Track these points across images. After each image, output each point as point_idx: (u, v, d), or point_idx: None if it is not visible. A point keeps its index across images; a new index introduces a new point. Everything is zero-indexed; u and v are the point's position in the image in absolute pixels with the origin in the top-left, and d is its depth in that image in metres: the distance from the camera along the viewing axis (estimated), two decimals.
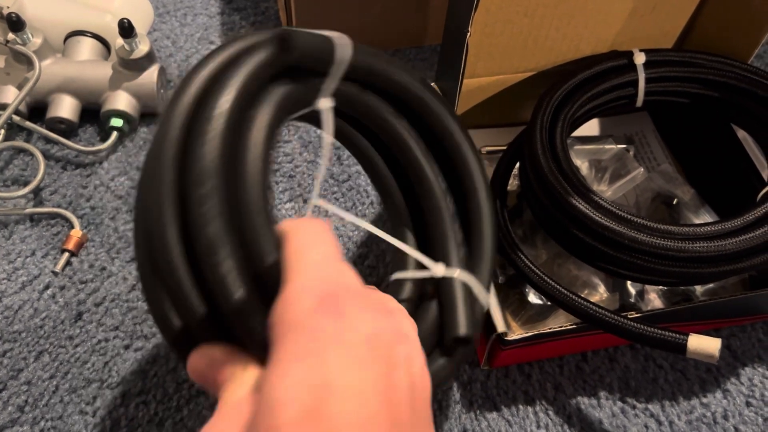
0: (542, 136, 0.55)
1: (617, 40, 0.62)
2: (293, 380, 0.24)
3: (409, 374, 0.28)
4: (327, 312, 0.26)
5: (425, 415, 0.29)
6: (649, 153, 0.68)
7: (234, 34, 0.35)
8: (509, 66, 0.62)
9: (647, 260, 0.49)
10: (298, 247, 0.30)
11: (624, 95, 0.60)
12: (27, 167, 0.65)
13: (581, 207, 0.50)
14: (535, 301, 0.55)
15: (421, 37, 0.76)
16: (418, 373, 0.29)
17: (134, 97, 0.66)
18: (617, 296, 0.56)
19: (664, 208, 0.60)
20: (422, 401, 0.29)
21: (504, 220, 0.56)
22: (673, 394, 0.55)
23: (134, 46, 0.65)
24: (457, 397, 0.54)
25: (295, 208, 0.64)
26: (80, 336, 0.56)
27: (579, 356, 0.57)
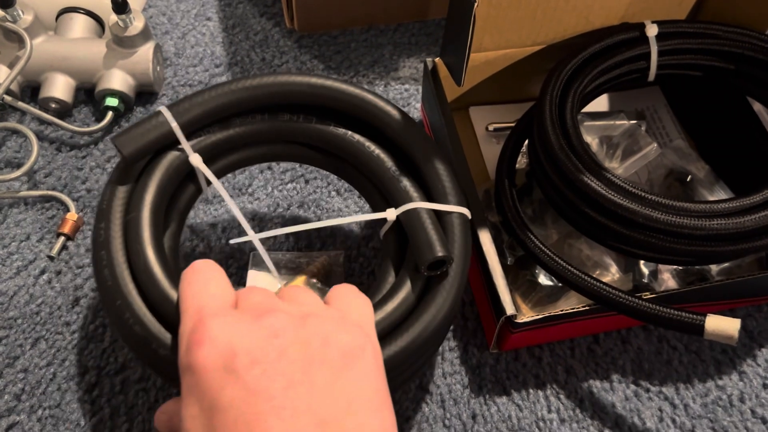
0: (552, 111, 0.53)
1: (628, 12, 0.59)
2: (187, 415, 0.31)
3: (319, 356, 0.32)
4: (196, 346, 0.32)
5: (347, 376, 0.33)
6: (661, 128, 0.66)
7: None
8: (517, 39, 0.59)
9: (662, 239, 0.47)
10: (182, 288, 0.36)
11: (636, 69, 0.58)
12: (20, 149, 0.63)
13: (593, 185, 0.48)
14: (546, 282, 0.54)
15: (424, 10, 0.74)
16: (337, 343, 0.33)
17: (129, 76, 0.64)
18: (630, 277, 0.54)
19: (677, 185, 0.59)
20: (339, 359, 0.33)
21: (513, 199, 0.54)
22: (687, 377, 0.54)
23: (129, 23, 0.63)
24: (465, 381, 0.53)
25: (297, 188, 0.62)
26: (77, 322, 0.54)
27: (591, 338, 0.55)
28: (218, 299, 0.35)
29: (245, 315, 0.33)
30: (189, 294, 0.35)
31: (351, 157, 0.50)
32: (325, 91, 0.48)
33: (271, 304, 0.35)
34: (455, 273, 0.45)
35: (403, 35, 0.74)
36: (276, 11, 0.75)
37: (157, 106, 0.67)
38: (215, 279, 0.36)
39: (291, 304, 0.36)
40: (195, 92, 0.47)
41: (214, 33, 0.73)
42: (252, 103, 0.48)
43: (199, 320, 0.33)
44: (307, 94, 0.49)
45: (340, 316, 0.36)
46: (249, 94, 0.47)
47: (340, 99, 0.49)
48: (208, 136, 0.48)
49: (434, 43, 0.74)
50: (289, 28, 0.74)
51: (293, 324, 0.33)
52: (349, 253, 0.59)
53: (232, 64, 0.71)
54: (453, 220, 0.46)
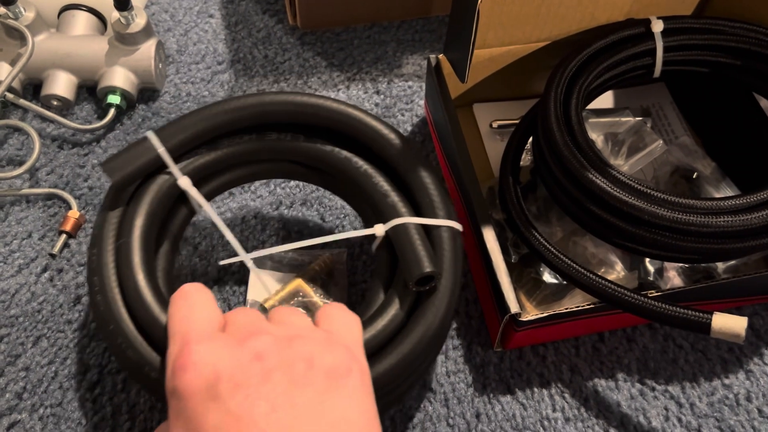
0: (556, 108, 0.53)
1: (633, 8, 0.59)
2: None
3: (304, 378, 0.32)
4: (181, 371, 0.32)
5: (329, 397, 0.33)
6: (666, 125, 0.66)
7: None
8: (521, 36, 0.59)
9: (668, 236, 0.47)
10: (170, 313, 0.37)
11: (641, 65, 0.58)
12: (22, 147, 0.63)
13: (598, 182, 0.48)
14: (551, 280, 0.53)
15: (427, 7, 0.74)
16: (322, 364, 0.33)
17: (132, 73, 0.64)
18: (635, 274, 0.54)
19: (683, 182, 0.58)
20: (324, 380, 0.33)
21: (517, 196, 0.54)
22: (693, 376, 0.53)
23: (131, 20, 0.62)
24: (469, 380, 0.52)
25: (299, 186, 0.62)
26: (79, 320, 0.54)
27: (596, 336, 0.55)
28: (204, 323, 0.35)
29: (230, 338, 0.34)
30: (176, 319, 0.36)
31: (339, 173, 0.50)
32: (311, 108, 0.49)
33: (257, 327, 0.35)
34: (445, 288, 0.44)
35: (406, 32, 0.74)
36: (279, 8, 0.75)
37: (160, 104, 0.67)
38: (202, 303, 0.36)
39: (278, 325, 0.36)
40: (182, 115, 0.48)
41: (216, 30, 0.73)
42: (239, 123, 0.49)
43: (184, 345, 0.33)
44: (293, 113, 0.49)
45: (327, 337, 0.36)
46: (235, 115, 0.48)
47: (325, 116, 0.49)
48: (198, 158, 0.48)
49: (438, 40, 0.73)
50: (291, 25, 0.73)
51: (278, 346, 0.33)
52: (352, 251, 0.58)
53: (235, 62, 0.70)
54: (442, 234, 0.46)
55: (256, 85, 0.69)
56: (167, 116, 0.66)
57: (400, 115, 0.67)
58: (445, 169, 0.62)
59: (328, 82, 0.69)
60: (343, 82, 0.69)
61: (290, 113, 0.49)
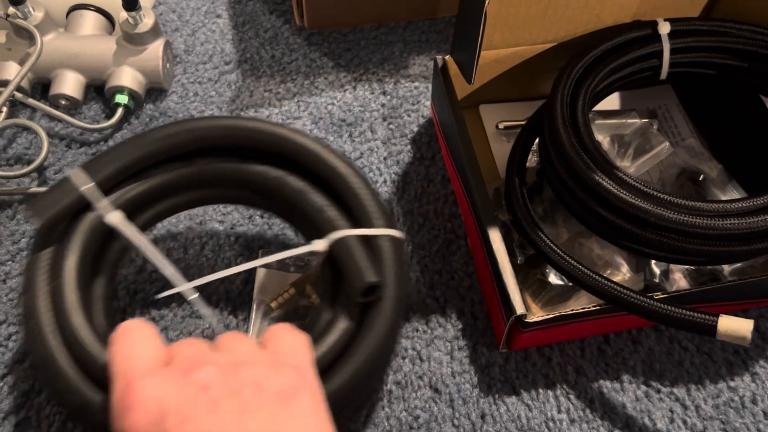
0: (563, 110, 0.53)
1: (640, 9, 0.59)
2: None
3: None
4: (126, 411, 0.32)
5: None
6: (672, 127, 0.66)
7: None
8: (528, 37, 0.59)
9: (674, 238, 0.47)
10: (111, 353, 0.36)
11: (647, 67, 0.58)
12: (30, 146, 0.64)
13: (605, 183, 0.48)
14: (556, 281, 0.53)
15: (434, 8, 0.74)
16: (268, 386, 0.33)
17: (139, 73, 0.64)
18: (641, 276, 0.54)
19: (690, 184, 0.58)
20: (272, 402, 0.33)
21: (523, 198, 0.54)
22: (699, 378, 0.53)
23: (139, 20, 0.63)
24: (474, 380, 0.53)
25: None
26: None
27: (601, 338, 0.55)
28: (146, 360, 0.35)
29: (174, 372, 0.33)
30: (117, 358, 0.35)
31: (274, 192, 0.50)
32: (238, 131, 0.48)
33: (202, 358, 0.34)
34: (390, 297, 0.44)
35: (413, 33, 0.74)
36: (286, 9, 0.75)
37: (167, 103, 0.67)
38: (143, 339, 0.36)
39: (224, 353, 0.36)
40: (112, 146, 0.48)
41: (223, 30, 0.73)
42: (167, 152, 0.48)
43: (127, 383, 0.33)
44: (222, 137, 0.48)
45: (274, 359, 0.36)
46: (164, 144, 0.47)
47: (255, 137, 0.49)
48: (130, 189, 0.48)
49: (444, 41, 0.73)
50: (299, 25, 0.73)
51: (224, 375, 0.33)
52: None
53: (242, 62, 0.71)
54: (382, 243, 0.46)
55: (263, 85, 0.69)
56: (174, 116, 0.66)
57: (406, 116, 0.67)
58: (451, 170, 0.62)
59: (335, 83, 0.69)
60: (350, 83, 0.69)
61: (219, 137, 0.48)
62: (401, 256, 0.47)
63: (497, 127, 0.64)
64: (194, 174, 0.49)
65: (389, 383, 0.52)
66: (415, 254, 0.58)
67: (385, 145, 0.65)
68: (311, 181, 0.49)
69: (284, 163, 0.49)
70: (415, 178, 0.63)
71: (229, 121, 0.49)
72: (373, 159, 0.64)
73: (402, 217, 0.61)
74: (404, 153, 0.65)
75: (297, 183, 0.49)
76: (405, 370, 0.53)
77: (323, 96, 0.68)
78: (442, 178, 0.63)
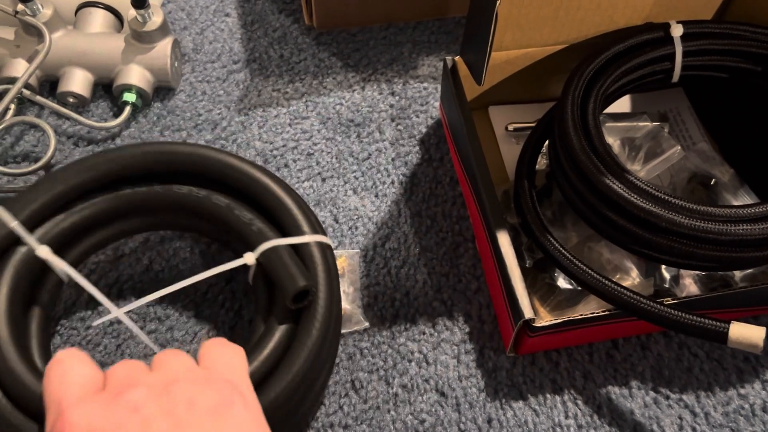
0: (574, 112, 0.52)
1: (653, 11, 0.58)
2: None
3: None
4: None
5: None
6: (684, 131, 0.65)
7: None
8: (539, 38, 0.59)
9: (686, 244, 0.46)
10: (44, 384, 0.36)
11: (659, 70, 0.57)
12: (38, 143, 0.63)
13: (615, 187, 0.47)
14: (565, 286, 0.53)
15: (444, 8, 0.73)
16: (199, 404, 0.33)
17: (148, 71, 0.64)
18: (651, 281, 0.53)
19: (701, 188, 0.57)
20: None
21: (532, 200, 0.54)
22: (708, 385, 0.53)
23: (147, 18, 0.62)
24: (481, 384, 0.52)
25: (313, 187, 0.62)
26: (92, 318, 0.54)
27: (609, 343, 0.54)
28: (78, 387, 0.35)
29: (105, 396, 0.33)
30: (50, 388, 0.35)
31: (200, 212, 0.50)
32: (158, 156, 0.49)
33: (133, 379, 0.35)
34: (323, 300, 0.45)
35: (422, 33, 0.73)
36: (295, 8, 0.75)
37: (175, 102, 0.67)
38: (74, 367, 0.36)
39: (157, 372, 0.36)
40: (35, 182, 0.48)
41: (232, 29, 0.73)
42: (89, 184, 0.48)
43: (59, 413, 0.33)
44: (143, 164, 0.49)
45: (206, 374, 0.36)
46: (83, 177, 0.48)
47: (174, 160, 0.49)
48: (58, 223, 0.48)
49: (454, 42, 0.73)
50: (307, 25, 0.73)
51: (154, 394, 0.33)
52: (365, 253, 0.58)
53: (250, 61, 0.70)
54: (311, 249, 0.47)
55: (271, 84, 0.68)
56: (182, 114, 0.66)
57: (414, 117, 0.67)
58: (459, 172, 0.61)
59: (343, 83, 0.69)
60: (359, 83, 0.69)
61: (142, 164, 0.49)
62: (330, 260, 0.48)
63: (506, 128, 0.64)
64: (119, 204, 0.50)
65: (395, 386, 0.52)
66: (422, 257, 0.58)
67: (393, 146, 0.65)
68: (236, 197, 0.50)
69: (207, 183, 0.50)
70: (423, 180, 0.63)
71: (149, 147, 0.50)
72: (381, 160, 0.64)
73: (410, 218, 0.60)
74: (412, 154, 0.64)
75: (223, 200, 0.49)
76: (411, 373, 0.52)
77: (331, 96, 0.68)
78: (451, 180, 0.63)
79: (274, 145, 0.64)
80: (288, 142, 0.64)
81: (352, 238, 0.59)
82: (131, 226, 0.52)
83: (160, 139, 0.64)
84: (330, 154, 0.64)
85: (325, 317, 0.45)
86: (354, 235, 0.59)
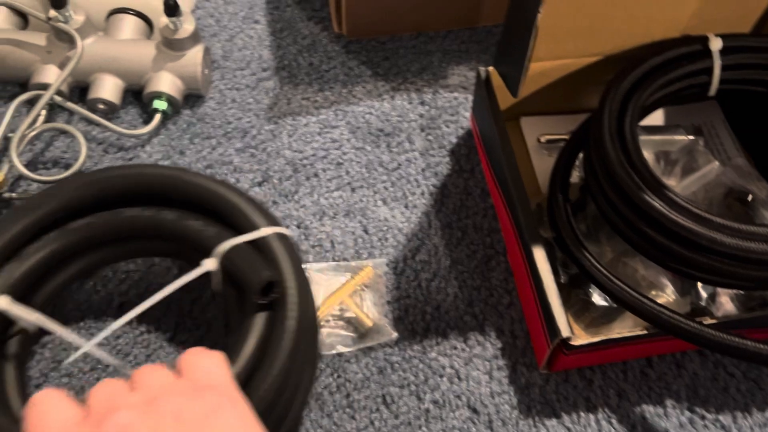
0: (611, 125, 0.51)
1: (690, 24, 0.57)
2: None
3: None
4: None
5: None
6: (718, 145, 0.64)
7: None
8: (574, 50, 0.58)
9: (727, 263, 0.46)
10: (24, 428, 0.34)
11: (696, 83, 0.57)
12: (67, 149, 0.63)
13: (655, 204, 0.47)
14: (600, 302, 0.52)
15: (474, 17, 0.73)
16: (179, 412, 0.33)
17: (178, 79, 0.64)
18: (687, 299, 0.53)
19: (738, 205, 0.56)
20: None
21: (567, 214, 0.53)
22: (745, 405, 0.52)
23: (179, 26, 0.62)
24: (514, 401, 0.51)
25: (343, 196, 0.61)
26: (122, 327, 0.54)
27: (644, 361, 0.54)
28: (59, 424, 0.34)
29: (88, 426, 0.33)
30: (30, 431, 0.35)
31: (154, 230, 0.49)
32: (100, 183, 0.49)
33: (114, 402, 0.34)
34: (292, 287, 0.45)
35: (452, 42, 0.73)
36: (324, 15, 0.74)
37: (204, 109, 0.66)
38: (53, 408, 0.35)
39: (139, 391, 0.35)
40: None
41: (261, 36, 0.73)
42: (36, 226, 0.47)
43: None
44: (87, 195, 0.48)
45: (190, 385, 0.36)
46: (32, 217, 0.47)
47: (111, 186, 0.49)
48: (12, 270, 0.46)
49: (484, 51, 0.72)
50: (337, 33, 0.73)
51: (139, 414, 0.33)
52: (395, 265, 0.58)
53: (279, 69, 0.70)
54: (271, 242, 0.46)
55: (300, 93, 0.68)
56: (212, 122, 0.66)
57: (444, 127, 0.66)
58: (491, 184, 0.61)
59: (373, 92, 0.69)
60: (388, 92, 0.69)
61: (85, 196, 0.48)
62: (292, 249, 0.47)
63: (539, 140, 0.63)
64: (69, 242, 0.49)
65: (426, 402, 0.51)
66: (453, 269, 0.57)
67: (423, 156, 0.64)
68: (183, 209, 0.49)
69: (151, 202, 0.49)
70: (453, 191, 0.62)
71: (88, 177, 0.49)
72: (411, 170, 0.63)
73: (440, 230, 0.60)
74: (443, 165, 0.64)
75: (171, 214, 0.49)
76: (443, 388, 0.52)
77: (361, 105, 0.68)
78: (482, 192, 0.62)
79: (303, 154, 0.64)
80: (317, 152, 0.64)
81: (381, 250, 0.58)
82: (92, 263, 0.52)
83: (190, 146, 0.64)
84: (360, 164, 0.64)
85: (298, 303, 0.44)
86: (384, 246, 0.59)
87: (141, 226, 0.49)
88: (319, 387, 0.52)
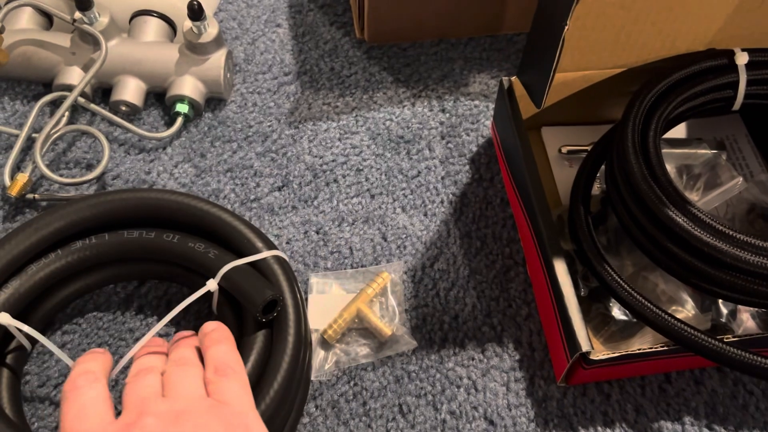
0: (634, 138, 0.51)
1: (716, 38, 0.57)
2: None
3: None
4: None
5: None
6: (741, 159, 0.64)
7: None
8: (597, 61, 0.58)
9: (750, 281, 0.45)
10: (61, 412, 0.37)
11: (720, 98, 0.56)
12: (89, 150, 0.64)
13: (679, 220, 0.46)
14: (620, 317, 0.52)
15: (497, 25, 0.73)
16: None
17: (201, 82, 0.64)
18: (708, 316, 0.52)
19: (761, 221, 0.56)
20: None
21: (588, 227, 0.53)
22: (765, 424, 0.51)
23: (203, 29, 0.62)
24: (531, 415, 0.51)
25: (362, 203, 0.61)
26: (141, 329, 0.54)
27: (662, 377, 0.53)
28: (94, 419, 0.37)
29: (119, 425, 0.36)
30: (67, 419, 0.37)
31: (155, 253, 0.50)
32: (105, 205, 0.50)
33: (147, 406, 0.37)
34: (290, 306, 0.47)
35: (474, 50, 0.73)
36: (346, 20, 0.74)
37: (226, 113, 0.67)
38: (92, 400, 0.38)
39: (168, 399, 0.38)
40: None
41: (283, 40, 0.73)
42: (40, 245, 0.48)
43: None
44: (90, 217, 0.50)
45: (215, 405, 0.38)
46: (37, 237, 0.48)
47: (117, 208, 0.50)
48: (14, 288, 0.47)
49: (506, 59, 0.72)
50: (359, 38, 0.73)
51: (165, 424, 0.36)
52: (413, 273, 0.58)
53: (301, 73, 0.70)
54: (270, 264, 0.49)
55: (321, 98, 0.68)
56: (233, 126, 0.66)
57: (465, 135, 0.66)
58: (511, 193, 0.61)
59: (394, 98, 0.69)
60: (409, 99, 0.69)
61: (89, 217, 0.49)
62: (288, 270, 0.50)
63: (560, 150, 0.63)
64: (71, 262, 0.50)
65: (443, 412, 0.51)
66: (471, 279, 0.57)
67: (443, 164, 0.64)
68: (185, 232, 0.51)
69: (154, 225, 0.51)
70: (473, 200, 0.62)
71: (95, 200, 0.50)
72: (431, 178, 0.63)
73: (459, 239, 0.59)
74: (462, 173, 0.64)
75: (173, 236, 0.50)
76: (459, 399, 0.52)
77: (382, 111, 0.68)
78: (501, 201, 0.62)
79: (323, 159, 0.64)
80: (338, 157, 0.64)
81: (400, 257, 0.58)
82: (91, 283, 0.53)
83: (211, 149, 0.64)
84: (379, 171, 0.64)
85: (295, 320, 0.47)
86: (402, 254, 0.59)
87: (143, 248, 0.50)
88: (335, 394, 0.52)
